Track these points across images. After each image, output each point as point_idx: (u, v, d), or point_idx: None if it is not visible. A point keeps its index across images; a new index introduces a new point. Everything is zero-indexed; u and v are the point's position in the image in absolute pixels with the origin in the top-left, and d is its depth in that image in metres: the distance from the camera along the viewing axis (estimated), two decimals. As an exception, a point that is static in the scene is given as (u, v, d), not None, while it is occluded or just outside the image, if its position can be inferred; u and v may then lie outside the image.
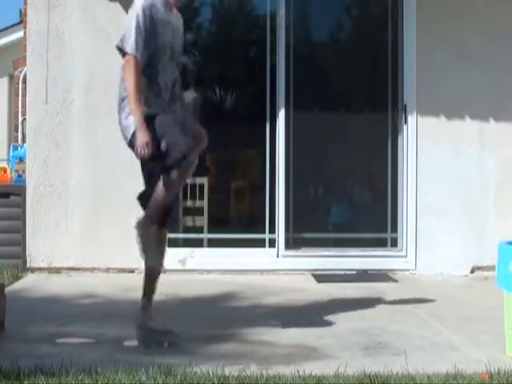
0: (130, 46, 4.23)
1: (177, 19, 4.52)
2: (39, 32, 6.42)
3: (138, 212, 6.42)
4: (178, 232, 6.85)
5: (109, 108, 6.42)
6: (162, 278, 6.23)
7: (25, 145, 6.84)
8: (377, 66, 6.86)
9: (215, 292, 5.68)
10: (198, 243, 6.81)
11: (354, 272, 6.48)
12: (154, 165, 4.41)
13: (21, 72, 8.43)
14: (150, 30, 4.25)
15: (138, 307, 4.34)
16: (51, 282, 6.04)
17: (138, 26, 4.22)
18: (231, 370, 3.51)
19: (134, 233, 4.37)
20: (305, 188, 6.94)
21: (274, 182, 6.61)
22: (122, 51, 4.29)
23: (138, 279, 6.23)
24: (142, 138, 4.23)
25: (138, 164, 6.43)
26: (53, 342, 4.15)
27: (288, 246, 6.64)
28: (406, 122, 6.62)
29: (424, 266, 6.53)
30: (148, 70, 4.31)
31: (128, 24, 4.27)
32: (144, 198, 4.54)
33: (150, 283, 4.45)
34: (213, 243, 6.79)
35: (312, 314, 4.87)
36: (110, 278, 6.26)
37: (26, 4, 6.60)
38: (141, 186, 6.47)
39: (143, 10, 4.23)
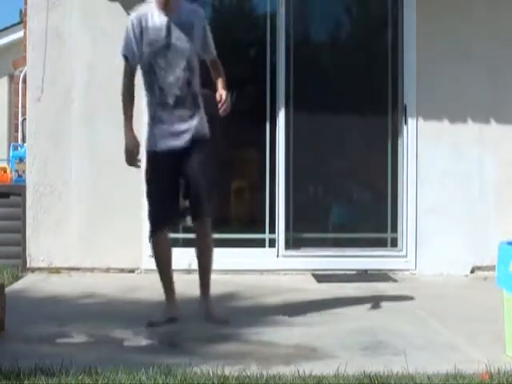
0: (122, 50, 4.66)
1: (180, 17, 4.64)
2: (39, 32, 6.42)
3: (138, 211, 6.45)
4: (178, 232, 6.88)
5: (109, 108, 6.43)
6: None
7: (25, 145, 6.84)
8: (377, 66, 6.85)
9: (215, 292, 5.64)
10: (198, 243, 6.80)
11: (353, 272, 6.48)
12: None
13: (21, 72, 8.43)
14: (139, 38, 4.58)
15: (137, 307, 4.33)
16: (51, 282, 6.04)
17: (127, 37, 4.62)
18: (231, 370, 3.51)
19: None
20: (305, 188, 6.93)
21: (274, 182, 6.61)
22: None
23: (138, 279, 6.27)
24: (128, 143, 4.64)
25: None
26: (53, 342, 4.15)
27: (288, 246, 6.64)
28: (406, 122, 6.62)
29: (424, 265, 6.53)
30: (145, 76, 4.65)
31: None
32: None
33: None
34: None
35: (312, 314, 4.87)
36: (110, 277, 6.26)
37: (26, 4, 6.60)
38: (140, 186, 6.49)
39: (131, 23, 4.61)
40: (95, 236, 6.43)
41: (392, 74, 6.77)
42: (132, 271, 6.44)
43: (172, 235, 6.65)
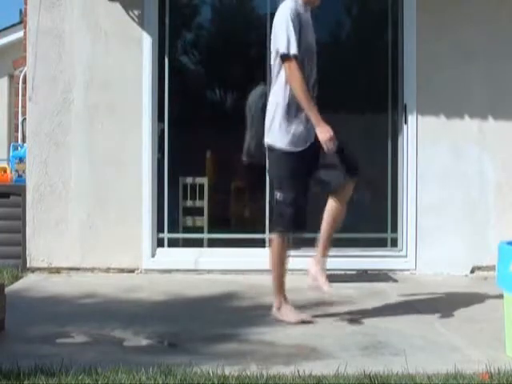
0: (288, 48, 4.51)
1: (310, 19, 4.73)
2: (39, 32, 6.42)
3: (138, 212, 6.45)
4: (178, 232, 6.89)
5: (109, 108, 6.45)
6: (162, 278, 6.27)
7: (25, 145, 6.84)
8: (377, 66, 6.85)
9: (215, 292, 5.68)
10: (198, 243, 6.81)
11: (354, 272, 6.48)
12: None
13: (21, 72, 8.42)
14: (298, 32, 4.52)
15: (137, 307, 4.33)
16: (51, 282, 6.04)
17: (291, 30, 4.49)
18: (231, 370, 3.51)
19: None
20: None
21: (274, 182, 6.59)
22: (286, 57, 4.55)
23: (138, 279, 6.27)
24: (327, 133, 4.58)
25: (137, 164, 6.46)
26: (53, 342, 4.15)
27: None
28: (406, 121, 6.62)
29: (424, 265, 6.53)
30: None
31: (282, 30, 4.53)
32: None
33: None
34: (213, 243, 6.79)
35: (312, 314, 4.87)
36: (110, 277, 6.26)
37: (26, 4, 6.60)
38: (140, 186, 6.49)
39: (291, 15, 4.51)
40: (95, 236, 6.43)
41: (392, 74, 6.77)
42: (132, 271, 6.44)
43: (172, 235, 6.72)
